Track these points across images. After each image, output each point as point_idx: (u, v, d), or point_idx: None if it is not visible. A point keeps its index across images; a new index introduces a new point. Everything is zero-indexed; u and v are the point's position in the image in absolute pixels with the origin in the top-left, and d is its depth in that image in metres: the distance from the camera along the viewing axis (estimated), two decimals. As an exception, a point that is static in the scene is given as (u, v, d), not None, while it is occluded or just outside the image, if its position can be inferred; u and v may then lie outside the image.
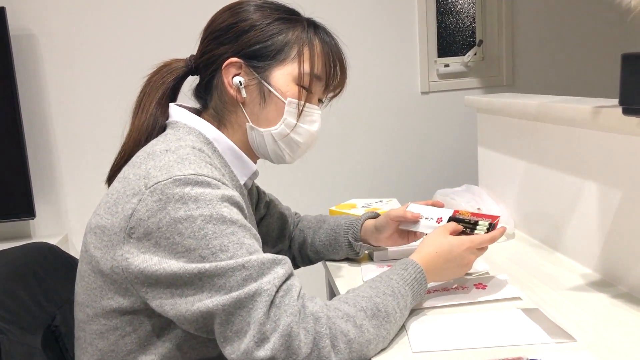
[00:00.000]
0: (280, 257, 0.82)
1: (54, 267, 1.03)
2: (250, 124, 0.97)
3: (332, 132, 2.35)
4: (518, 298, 1.02)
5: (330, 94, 1.05)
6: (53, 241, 1.75)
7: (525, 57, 2.50)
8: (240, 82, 0.95)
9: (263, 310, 0.75)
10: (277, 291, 0.77)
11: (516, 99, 1.42)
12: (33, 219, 2.14)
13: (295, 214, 1.36)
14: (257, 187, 1.26)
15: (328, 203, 2.18)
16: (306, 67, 0.96)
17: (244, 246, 0.79)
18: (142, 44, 2.18)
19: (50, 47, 2.13)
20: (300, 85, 0.96)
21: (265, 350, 0.74)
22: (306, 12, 1.03)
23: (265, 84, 0.95)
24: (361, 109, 2.37)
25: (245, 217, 0.85)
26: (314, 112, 1.00)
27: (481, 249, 1.02)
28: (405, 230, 1.19)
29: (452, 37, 2.52)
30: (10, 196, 2.05)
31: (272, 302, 0.76)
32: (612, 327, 0.90)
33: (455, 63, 2.48)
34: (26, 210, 2.06)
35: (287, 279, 0.80)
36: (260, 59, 0.95)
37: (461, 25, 2.53)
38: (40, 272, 0.99)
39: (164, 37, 2.17)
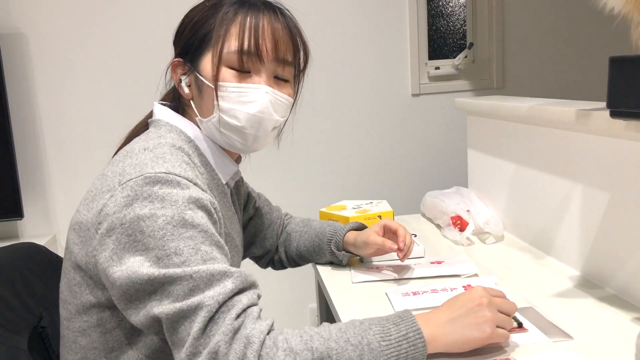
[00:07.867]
0: (233, 269, 0.78)
1: (41, 268, 1.02)
2: (199, 117, 0.96)
3: (322, 133, 2.35)
4: (506, 300, 1.02)
5: (293, 68, 0.98)
6: (41, 242, 1.73)
7: (515, 60, 2.52)
8: (180, 79, 0.96)
9: (200, 325, 0.73)
10: (219, 307, 0.75)
11: (506, 102, 1.43)
12: (21, 220, 2.12)
13: (286, 214, 1.36)
14: (248, 187, 1.26)
15: (318, 204, 2.18)
16: (231, 47, 0.91)
17: (200, 252, 0.77)
18: (132, 44, 2.17)
19: (39, 46, 2.12)
20: (228, 66, 0.92)
21: None
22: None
23: (198, 75, 0.94)
24: (352, 110, 2.37)
25: (215, 221, 0.84)
26: (250, 90, 0.92)
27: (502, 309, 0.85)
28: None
29: (442, 40, 2.53)
30: (-3, 196, 2.03)
31: (211, 317, 0.74)
32: (599, 329, 0.90)
33: (446, 66, 2.49)
34: (14, 210, 2.04)
35: (236, 294, 0.77)
36: (192, 52, 0.95)
37: (452, 28, 2.54)
38: (27, 272, 0.98)
39: (155, 36, 2.16)
